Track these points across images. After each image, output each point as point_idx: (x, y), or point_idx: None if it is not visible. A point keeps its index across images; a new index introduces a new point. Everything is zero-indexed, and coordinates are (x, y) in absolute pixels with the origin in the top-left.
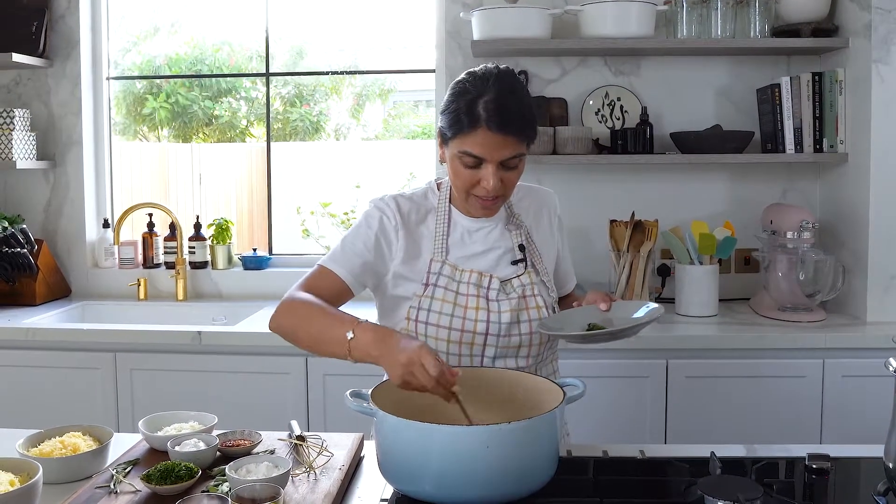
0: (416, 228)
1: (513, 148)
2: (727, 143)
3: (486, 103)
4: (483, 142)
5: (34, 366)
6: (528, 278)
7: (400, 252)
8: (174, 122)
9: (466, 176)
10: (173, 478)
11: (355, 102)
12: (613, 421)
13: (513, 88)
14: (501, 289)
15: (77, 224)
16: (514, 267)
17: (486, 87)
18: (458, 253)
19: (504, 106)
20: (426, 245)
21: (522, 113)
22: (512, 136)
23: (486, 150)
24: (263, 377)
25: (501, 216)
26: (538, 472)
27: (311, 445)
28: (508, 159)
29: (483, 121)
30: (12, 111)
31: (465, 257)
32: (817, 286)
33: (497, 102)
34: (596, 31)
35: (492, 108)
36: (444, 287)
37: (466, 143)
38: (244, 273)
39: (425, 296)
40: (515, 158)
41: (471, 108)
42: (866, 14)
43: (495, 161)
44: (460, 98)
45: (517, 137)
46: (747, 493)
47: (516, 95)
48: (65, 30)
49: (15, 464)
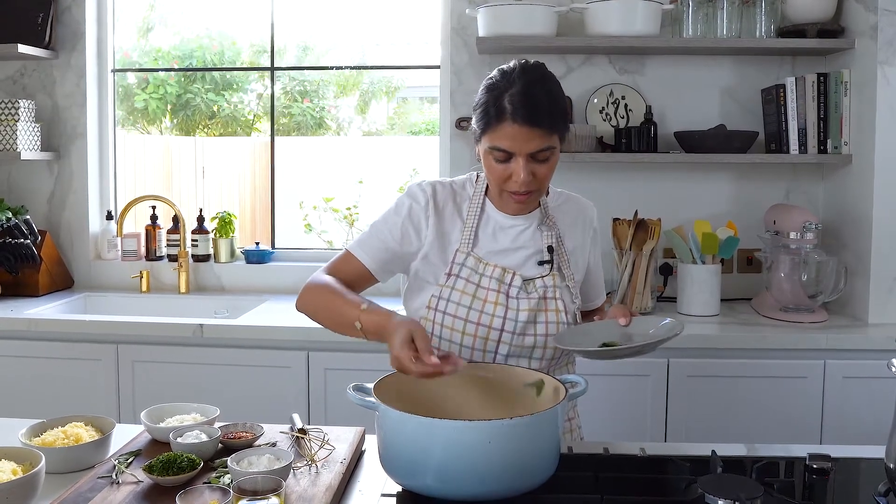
0: (450, 216)
1: (541, 140)
2: (731, 142)
3: (512, 96)
4: (511, 135)
5: (36, 356)
6: (552, 280)
7: (430, 237)
8: (176, 116)
9: (498, 171)
10: (175, 469)
11: (361, 100)
12: (614, 419)
13: (540, 80)
14: (523, 287)
15: (80, 216)
16: (541, 268)
17: (512, 81)
18: (486, 247)
19: (530, 98)
20: (456, 235)
21: (550, 104)
22: (539, 129)
23: (514, 143)
24: (265, 370)
25: (535, 217)
26: (539, 468)
27: (312, 439)
28: (538, 152)
29: (509, 114)
30: (17, 102)
31: (492, 252)
32: (819, 287)
33: (523, 94)
34: (601, 29)
35: (517, 100)
36: (466, 279)
37: (495, 138)
38: (247, 267)
39: (447, 285)
40: (546, 151)
41: (498, 102)
42: (872, 15)
43: (524, 154)
44: (488, 94)
45: (545, 129)
46: (748, 493)
47: (544, 87)
48: (70, 21)
49: (18, 453)
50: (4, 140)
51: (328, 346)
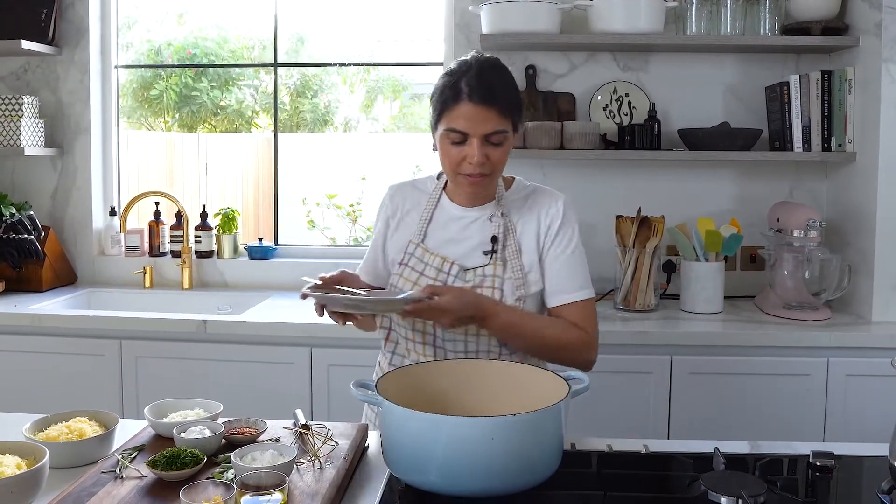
0: (408, 214)
1: (496, 122)
2: (735, 140)
3: (469, 79)
4: (466, 114)
5: (40, 352)
6: (492, 270)
7: (394, 235)
8: (181, 112)
9: (453, 154)
10: (179, 464)
11: (367, 98)
12: (617, 416)
13: (495, 68)
14: (460, 276)
15: (84, 211)
16: (485, 257)
17: (469, 67)
18: (436, 238)
19: (485, 80)
20: (413, 228)
21: (505, 89)
22: (494, 109)
23: (469, 123)
24: (268, 367)
25: (489, 208)
26: (542, 464)
27: (315, 434)
28: (492, 134)
29: (465, 94)
30: (21, 98)
31: (440, 242)
32: (823, 285)
33: (479, 77)
34: (605, 26)
35: (474, 82)
36: (412, 267)
37: (451, 119)
38: (250, 263)
39: (395, 273)
40: (499, 134)
41: (455, 84)
42: (877, 13)
43: (479, 135)
44: (445, 78)
45: (499, 110)
46: (751, 490)
47: (498, 73)
48: (74, 17)
49: (22, 447)
50: (8, 136)
51: (331, 343)
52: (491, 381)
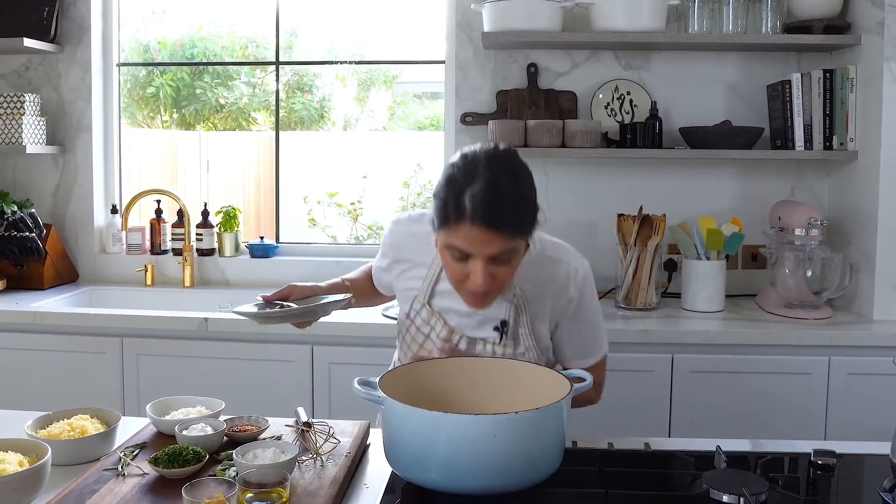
0: (414, 267)
1: (502, 243)
2: (736, 138)
3: (473, 195)
4: (469, 236)
5: (41, 349)
6: (502, 350)
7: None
8: (183, 110)
9: (455, 269)
10: (181, 461)
11: (361, 90)
12: (617, 414)
13: (506, 175)
14: (469, 349)
15: (85, 209)
16: (495, 333)
17: (474, 176)
18: (443, 302)
19: (492, 198)
20: (418, 275)
21: (516, 206)
22: (501, 232)
23: (472, 245)
24: (269, 364)
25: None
26: (544, 462)
27: (317, 432)
28: (499, 254)
29: (468, 215)
30: (22, 96)
31: (446, 308)
32: (824, 283)
33: (484, 194)
34: (606, 24)
35: (478, 200)
36: (418, 328)
37: (452, 237)
38: (251, 261)
39: (404, 325)
40: (507, 253)
41: (457, 199)
42: (879, 11)
43: (483, 256)
44: (448, 187)
45: (507, 233)
46: (752, 488)
47: (509, 183)
48: (76, 15)
49: (24, 445)
50: (10, 134)
51: (332, 341)
52: (493, 379)
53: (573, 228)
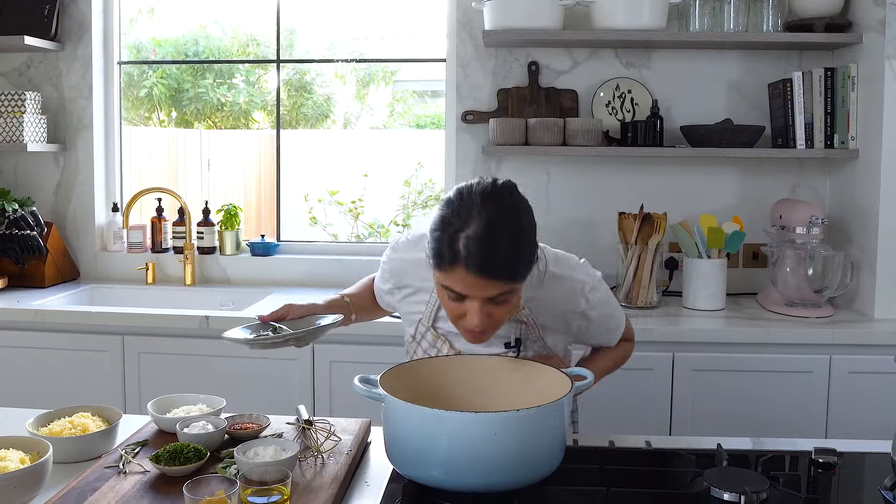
0: (416, 293)
1: (499, 287)
2: (737, 137)
3: (468, 239)
4: (464, 280)
5: (43, 347)
6: None
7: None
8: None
9: (452, 307)
10: (182, 459)
11: (360, 87)
12: (618, 412)
13: (503, 217)
14: None
15: (86, 207)
16: (507, 350)
17: (470, 217)
18: (448, 325)
19: (487, 245)
20: (420, 300)
21: (513, 250)
22: (496, 279)
23: (467, 289)
24: (270, 363)
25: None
26: (545, 460)
27: (318, 430)
28: (495, 296)
29: (462, 259)
30: (23, 94)
31: (451, 332)
32: (825, 282)
33: (481, 239)
34: (607, 22)
35: (473, 245)
36: (425, 351)
37: (446, 279)
38: (252, 259)
39: (411, 347)
40: (504, 295)
41: (452, 242)
42: (880, 10)
43: (479, 298)
44: (442, 229)
45: (502, 280)
46: (753, 486)
47: (506, 227)
48: (76, 13)
49: (25, 442)
50: (11, 132)
51: (333, 339)
52: (494, 377)
53: (574, 227)
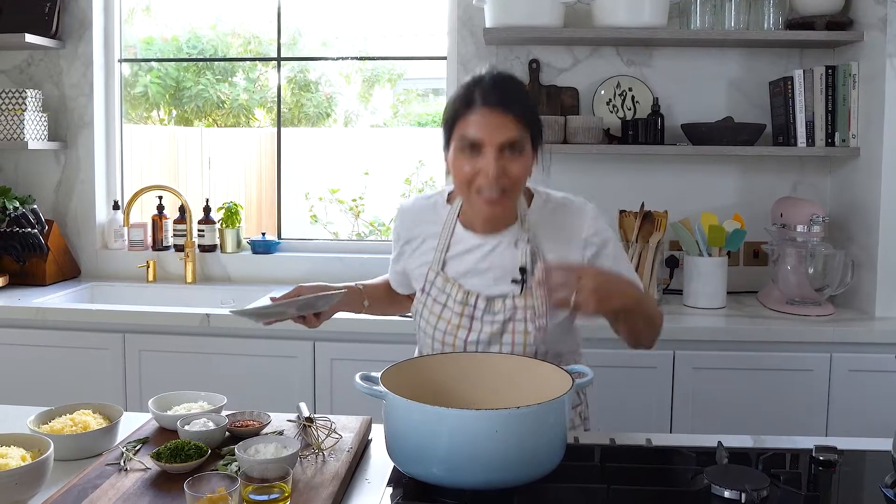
0: (424, 242)
1: (513, 129)
2: (738, 135)
3: (483, 86)
4: (480, 121)
5: (44, 345)
6: (522, 301)
7: (410, 259)
8: (182, 106)
9: (467, 170)
10: (183, 456)
11: (365, 87)
12: (619, 410)
13: (510, 77)
14: (488, 308)
15: (87, 205)
16: (514, 286)
17: (481, 78)
18: (455, 268)
19: (500, 86)
20: (429, 248)
21: (521, 93)
22: (511, 114)
23: (484, 130)
24: (271, 360)
25: (511, 233)
26: (546, 457)
27: (319, 427)
28: (509, 144)
29: (479, 99)
30: (24, 92)
31: (460, 273)
32: (826, 280)
33: (492, 83)
34: (608, 20)
35: (488, 87)
36: (434, 298)
37: (464, 127)
38: (253, 257)
39: (420, 300)
40: (517, 144)
41: (467, 94)
42: (882, 8)
43: (495, 143)
44: (458, 90)
45: (516, 116)
46: (754, 484)
47: (514, 83)
48: (77, 11)
49: (26, 440)
50: (12, 130)
51: (334, 337)
52: (495, 374)
53: None
